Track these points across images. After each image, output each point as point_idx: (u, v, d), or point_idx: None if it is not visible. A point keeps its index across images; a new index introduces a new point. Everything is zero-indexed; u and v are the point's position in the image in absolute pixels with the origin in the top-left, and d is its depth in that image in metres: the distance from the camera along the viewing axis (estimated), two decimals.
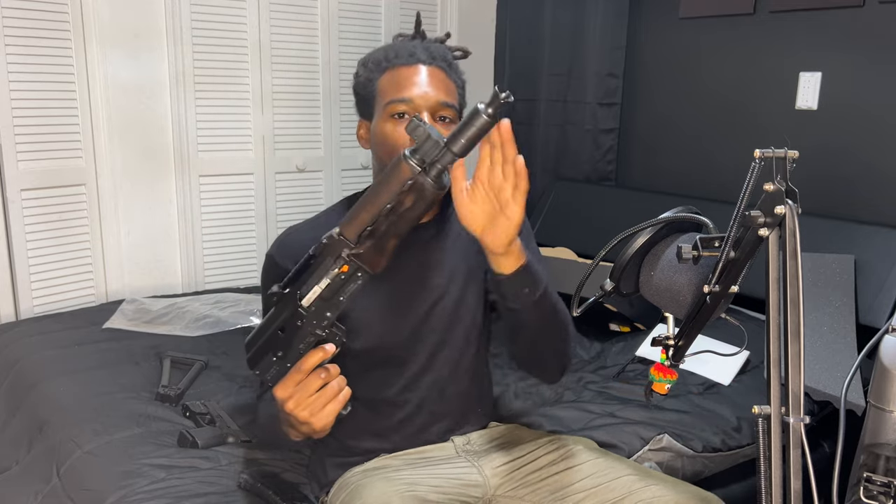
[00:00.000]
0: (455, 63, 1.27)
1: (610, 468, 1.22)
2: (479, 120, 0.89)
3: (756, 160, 0.87)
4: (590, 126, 3.08)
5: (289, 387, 0.98)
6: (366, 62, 1.25)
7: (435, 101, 1.18)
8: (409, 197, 0.90)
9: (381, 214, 0.91)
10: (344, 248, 0.93)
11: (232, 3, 2.60)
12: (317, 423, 0.98)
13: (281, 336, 0.99)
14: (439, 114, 1.19)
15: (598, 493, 1.18)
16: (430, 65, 1.21)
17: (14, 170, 2.29)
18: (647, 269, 1.07)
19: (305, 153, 2.89)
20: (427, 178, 0.89)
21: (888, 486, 1.14)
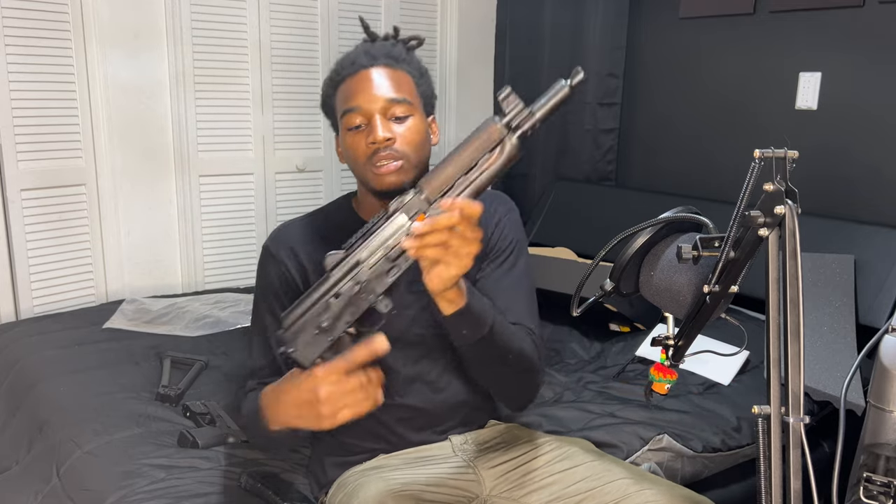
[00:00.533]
0: (406, 55, 1.24)
1: (606, 471, 1.22)
2: (562, 91, 0.92)
3: (756, 160, 0.87)
4: (590, 126, 3.08)
5: (331, 374, 0.95)
6: (325, 81, 1.26)
7: (382, 101, 1.16)
8: (494, 155, 0.93)
9: (463, 172, 0.94)
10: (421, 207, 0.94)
11: (232, 3, 2.60)
12: (327, 421, 0.96)
13: (331, 304, 0.97)
14: (390, 112, 1.16)
15: (593, 495, 1.19)
16: (371, 66, 1.19)
17: (14, 170, 2.29)
18: (647, 269, 1.07)
19: (305, 153, 2.89)
20: (511, 138, 0.93)
21: (888, 486, 1.14)
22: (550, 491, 1.22)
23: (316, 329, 0.98)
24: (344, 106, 1.19)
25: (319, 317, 0.98)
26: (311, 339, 0.98)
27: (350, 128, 1.18)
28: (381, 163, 1.16)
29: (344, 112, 1.18)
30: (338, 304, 0.97)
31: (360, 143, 1.17)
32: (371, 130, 1.16)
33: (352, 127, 1.18)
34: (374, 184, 1.18)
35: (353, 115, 1.17)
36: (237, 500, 1.35)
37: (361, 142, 1.17)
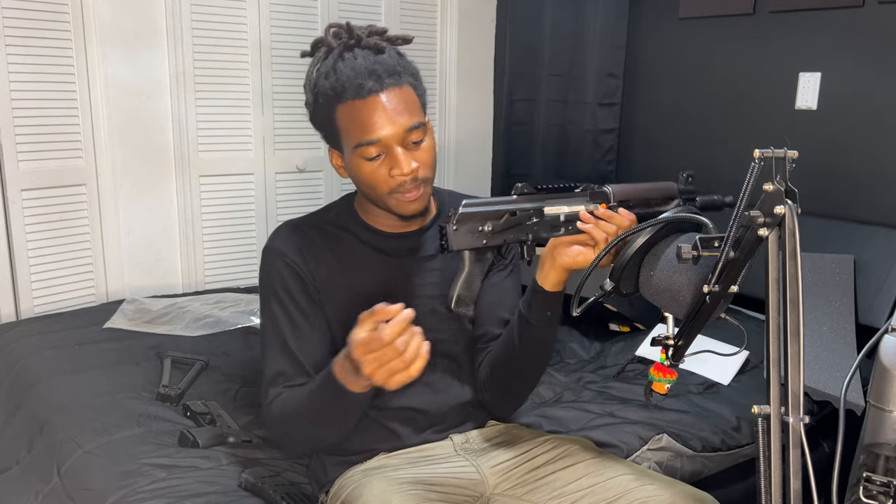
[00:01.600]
0: (401, 61, 1.19)
1: (606, 467, 1.22)
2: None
3: (756, 160, 0.87)
4: (590, 126, 3.08)
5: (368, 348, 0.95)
6: (315, 92, 1.18)
7: (401, 131, 1.14)
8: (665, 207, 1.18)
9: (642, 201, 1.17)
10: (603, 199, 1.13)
11: (232, 3, 2.60)
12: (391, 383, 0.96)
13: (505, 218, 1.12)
14: (408, 140, 1.15)
15: (594, 491, 1.19)
16: (380, 91, 1.13)
17: (14, 170, 2.29)
18: (647, 269, 1.07)
19: (305, 153, 2.89)
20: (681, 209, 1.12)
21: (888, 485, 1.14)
22: (552, 488, 1.22)
23: (480, 225, 1.10)
24: (358, 137, 1.14)
25: (489, 220, 1.11)
26: (470, 230, 1.10)
27: (368, 158, 1.15)
28: (407, 193, 1.17)
29: (360, 144, 1.14)
30: (509, 222, 1.12)
31: (380, 174, 1.15)
32: (394, 162, 1.14)
33: (370, 157, 1.15)
34: (399, 211, 1.19)
35: (371, 147, 1.14)
36: (237, 500, 1.35)
37: (382, 172, 1.15)
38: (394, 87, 1.14)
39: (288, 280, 1.22)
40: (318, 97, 1.17)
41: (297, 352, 1.21)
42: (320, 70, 1.18)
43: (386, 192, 1.17)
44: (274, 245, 1.25)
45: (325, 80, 1.16)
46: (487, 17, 3.27)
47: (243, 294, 2.59)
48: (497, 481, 1.26)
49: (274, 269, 1.23)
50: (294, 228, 1.27)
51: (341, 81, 1.14)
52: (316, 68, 1.18)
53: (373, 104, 1.12)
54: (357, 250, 1.26)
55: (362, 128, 1.13)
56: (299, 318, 1.22)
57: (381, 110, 1.13)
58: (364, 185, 1.19)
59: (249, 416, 1.70)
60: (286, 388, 1.20)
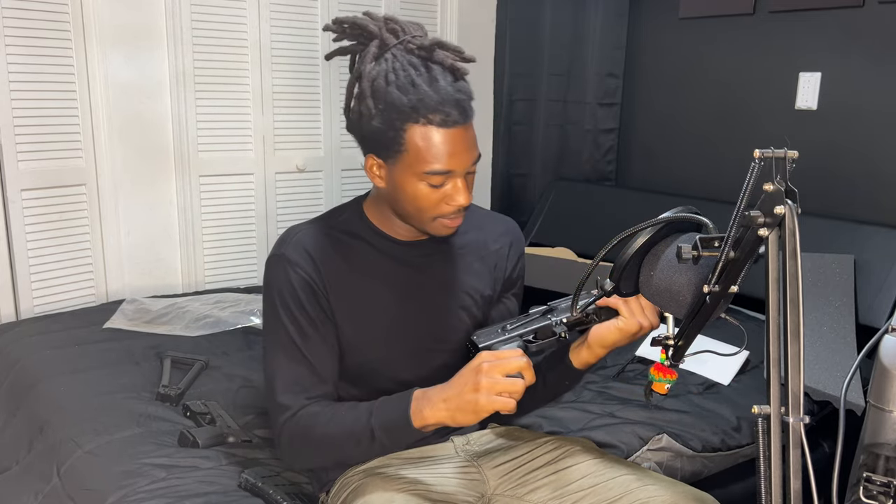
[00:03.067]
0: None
1: (607, 468, 1.22)
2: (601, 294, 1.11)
3: (756, 160, 0.87)
4: (590, 126, 3.08)
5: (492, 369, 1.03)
6: (382, 99, 1.09)
7: (470, 164, 1.13)
8: None
9: None
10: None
11: (232, 3, 2.60)
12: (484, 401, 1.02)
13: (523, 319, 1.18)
14: (469, 171, 1.15)
15: (595, 492, 1.19)
16: (465, 123, 1.10)
17: (14, 170, 2.29)
18: (647, 269, 1.07)
19: (305, 153, 2.89)
20: None
21: (888, 486, 1.14)
22: (554, 487, 1.22)
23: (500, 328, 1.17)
24: (433, 165, 1.10)
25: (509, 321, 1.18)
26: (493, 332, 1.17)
27: (432, 185, 1.12)
28: (453, 221, 1.17)
29: (431, 171, 1.10)
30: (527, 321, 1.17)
31: (433, 199, 1.14)
32: (455, 194, 1.13)
33: (434, 185, 1.12)
34: (436, 233, 1.19)
35: (441, 177, 1.11)
36: (237, 500, 1.35)
37: (436, 198, 1.14)
38: (471, 120, 1.13)
39: (298, 290, 1.17)
40: (387, 107, 1.09)
41: (312, 368, 1.17)
42: (389, 77, 1.09)
43: (431, 217, 1.16)
44: (283, 253, 1.19)
45: (400, 93, 1.08)
46: (487, 17, 3.27)
47: (243, 294, 2.59)
48: (498, 482, 1.26)
49: (283, 279, 1.18)
50: (303, 236, 1.21)
51: (425, 102, 1.07)
52: (380, 71, 1.10)
53: (455, 136, 1.09)
54: (370, 257, 1.23)
55: (438, 157, 1.10)
56: (310, 328, 1.18)
57: (461, 144, 1.10)
58: (408, 204, 1.16)
59: (249, 416, 1.70)
60: (310, 401, 1.16)
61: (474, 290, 1.29)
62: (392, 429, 1.09)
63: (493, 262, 1.33)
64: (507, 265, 1.34)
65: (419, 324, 1.24)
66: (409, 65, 1.10)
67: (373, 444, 1.11)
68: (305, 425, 1.15)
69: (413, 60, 1.10)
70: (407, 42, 1.12)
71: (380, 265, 1.23)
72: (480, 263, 1.30)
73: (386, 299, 1.22)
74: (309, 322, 1.17)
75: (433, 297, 1.25)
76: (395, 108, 1.08)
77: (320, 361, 1.18)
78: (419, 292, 1.24)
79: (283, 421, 1.16)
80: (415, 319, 1.24)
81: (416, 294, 1.24)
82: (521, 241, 1.38)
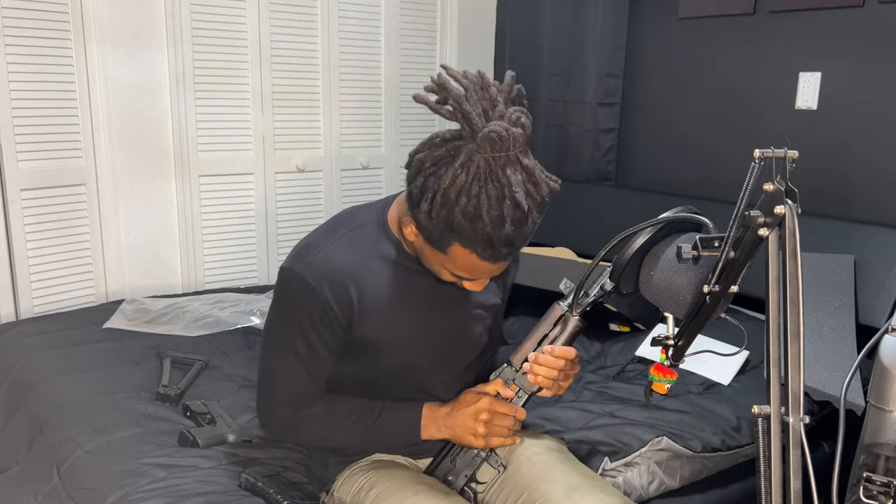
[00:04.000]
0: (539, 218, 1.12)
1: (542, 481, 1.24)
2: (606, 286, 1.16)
3: (756, 160, 0.87)
4: (590, 126, 3.08)
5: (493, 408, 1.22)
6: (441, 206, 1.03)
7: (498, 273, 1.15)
8: (558, 328, 1.22)
9: (539, 343, 1.23)
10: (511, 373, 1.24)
11: (232, 3, 2.60)
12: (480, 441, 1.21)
13: None
14: None
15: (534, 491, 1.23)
16: (510, 258, 1.10)
17: (14, 170, 2.29)
18: (647, 269, 1.08)
19: (305, 153, 2.89)
20: (572, 316, 1.21)
21: (888, 485, 1.14)
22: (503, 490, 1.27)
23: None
24: (460, 272, 1.12)
25: None
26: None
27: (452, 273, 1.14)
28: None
29: (461, 277, 1.14)
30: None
31: (446, 276, 1.16)
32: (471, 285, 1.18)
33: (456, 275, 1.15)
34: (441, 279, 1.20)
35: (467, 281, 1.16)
36: (237, 500, 1.35)
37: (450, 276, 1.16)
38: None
39: (314, 313, 1.17)
40: (444, 221, 1.04)
41: (313, 378, 1.23)
42: (461, 198, 1.02)
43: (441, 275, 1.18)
44: (303, 274, 1.16)
45: (463, 220, 1.02)
46: (487, 17, 3.27)
47: (243, 294, 2.59)
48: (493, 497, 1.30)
49: (299, 298, 1.17)
50: (325, 255, 1.18)
51: (478, 237, 1.03)
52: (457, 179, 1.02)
53: (492, 266, 1.10)
54: (398, 272, 1.22)
55: (468, 271, 1.12)
56: (320, 346, 1.20)
57: (495, 268, 1.11)
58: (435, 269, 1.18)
59: (249, 416, 1.70)
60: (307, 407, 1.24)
61: (485, 301, 1.32)
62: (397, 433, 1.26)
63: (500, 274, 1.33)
64: (510, 273, 1.39)
65: (442, 333, 1.27)
66: (485, 196, 1.01)
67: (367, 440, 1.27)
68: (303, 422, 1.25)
69: (491, 192, 1.01)
70: (501, 167, 1.03)
71: (403, 280, 1.22)
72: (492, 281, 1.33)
73: (410, 312, 1.23)
74: (319, 340, 1.20)
75: (451, 308, 1.27)
76: (451, 228, 1.04)
77: (320, 375, 1.24)
78: (439, 304, 1.25)
79: (280, 419, 1.25)
80: (437, 329, 1.26)
81: (437, 306, 1.25)
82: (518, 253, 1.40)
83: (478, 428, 1.20)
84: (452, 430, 1.23)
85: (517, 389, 1.24)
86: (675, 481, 1.62)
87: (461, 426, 1.22)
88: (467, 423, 1.21)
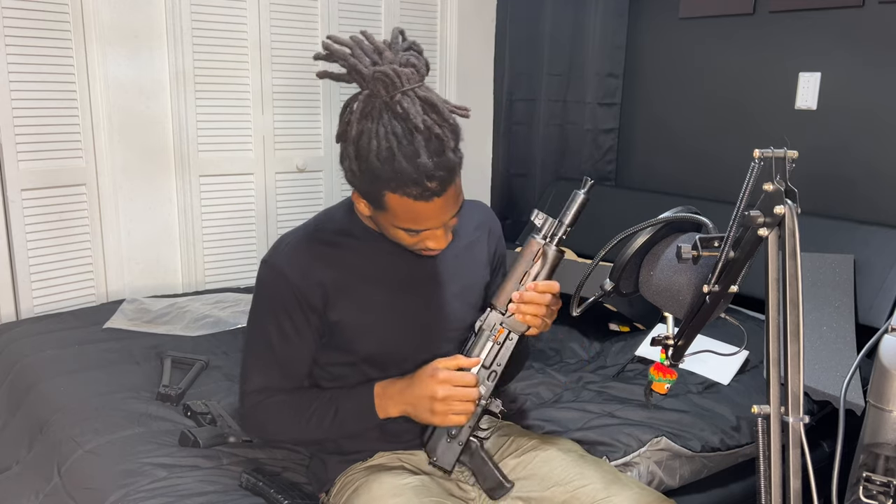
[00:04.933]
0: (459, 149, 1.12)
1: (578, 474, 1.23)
2: (579, 199, 1.21)
3: (755, 160, 0.87)
4: (590, 126, 3.08)
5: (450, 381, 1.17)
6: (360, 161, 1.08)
7: (448, 219, 1.14)
8: (538, 263, 1.21)
9: (520, 282, 1.21)
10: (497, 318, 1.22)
11: (232, 3, 2.60)
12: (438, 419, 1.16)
13: None
14: (448, 224, 1.16)
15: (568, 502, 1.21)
16: (442, 195, 1.09)
17: (14, 170, 2.29)
18: (647, 269, 1.08)
19: (305, 153, 2.89)
20: (550, 247, 1.21)
21: (888, 485, 1.14)
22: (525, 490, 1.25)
23: None
24: (405, 224, 1.12)
25: None
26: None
27: (410, 233, 1.14)
28: (433, 251, 1.19)
29: (407, 229, 1.13)
30: None
31: (411, 240, 1.16)
32: (431, 241, 1.16)
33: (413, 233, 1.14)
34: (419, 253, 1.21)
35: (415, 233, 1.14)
36: (238, 500, 1.36)
37: (414, 240, 1.16)
38: (451, 185, 1.10)
39: (286, 299, 1.21)
40: (367, 173, 1.08)
41: (285, 367, 1.25)
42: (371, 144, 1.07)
43: (410, 248, 1.19)
44: (274, 262, 1.22)
45: (380, 163, 1.06)
46: (487, 17, 3.27)
47: (243, 294, 2.59)
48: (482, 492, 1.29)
49: (271, 289, 1.23)
50: (294, 244, 1.24)
51: (402, 178, 1.06)
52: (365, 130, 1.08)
53: (429, 206, 1.09)
54: (363, 255, 1.24)
55: (415, 220, 1.11)
56: (293, 334, 1.23)
57: (439, 209, 1.11)
58: (389, 237, 1.19)
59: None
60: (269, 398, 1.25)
61: (466, 278, 1.31)
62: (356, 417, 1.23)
63: (479, 250, 1.35)
64: (491, 249, 1.37)
65: (419, 314, 1.26)
66: (391, 134, 1.06)
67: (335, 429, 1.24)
68: (270, 410, 1.25)
69: (397, 129, 1.06)
70: (397, 102, 1.06)
71: (373, 262, 1.24)
72: (466, 252, 1.32)
73: (383, 294, 1.23)
74: (293, 329, 1.22)
75: (428, 288, 1.27)
76: (374, 175, 1.07)
77: (293, 365, 1.26)
78: (414, 285, 1.26)
79: (250, 406, 1.26)
80: (413, 310, 1.26)
81: (412, 287, 1.25)
82: (498, 224, 1.41)
83: (435, 405, 1.15)
84: (408, 406, 1.19)
85: (506, 332, 1.20)
86: (675, 481, 1.62)
87: (417, 402, 1.17)
88: (423, 399, 1.16)
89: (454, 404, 1.15)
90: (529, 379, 1.90)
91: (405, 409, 1.20)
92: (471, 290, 1.31)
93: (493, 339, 1.21)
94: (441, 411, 1.15)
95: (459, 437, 1.22)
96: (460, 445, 1.22)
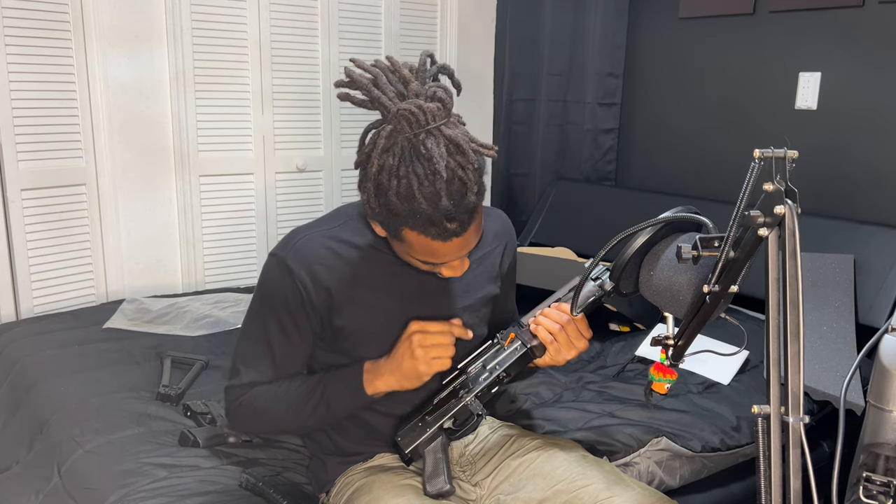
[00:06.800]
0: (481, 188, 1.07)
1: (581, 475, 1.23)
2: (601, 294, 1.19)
3: (756, 160, 0.87)
4: (590, 126, 3.08)
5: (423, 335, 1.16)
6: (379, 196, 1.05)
7: (467, 252, 1.13)
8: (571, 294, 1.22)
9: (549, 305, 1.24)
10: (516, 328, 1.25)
11: (232, 3, 2.60)
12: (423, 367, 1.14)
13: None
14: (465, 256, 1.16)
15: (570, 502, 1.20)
16: (462, 234, 1.07)
17: (14, 170, 2.29)
18: (647, 269, 1.08)
19: (305, 153, 2.89)
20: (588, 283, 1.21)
21: (888, 485, 1.14)
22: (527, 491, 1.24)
23: None
24: (424, 258, 1.11)
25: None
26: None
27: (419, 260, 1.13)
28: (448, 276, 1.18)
29: (425, 261, 1.12)
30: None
31: (419, 265, 1.15)
32: (446, 270, 1.16)
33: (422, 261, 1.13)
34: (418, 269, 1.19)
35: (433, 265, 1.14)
36: (238, 500, 1.35)
37: (429, 267, 1.15)
38: (472, 225, 1.08)
39: (291, 297, 1.19)
40: (386, 209, 1.06)
41: (280, 364, 1.24)
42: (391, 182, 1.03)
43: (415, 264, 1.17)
44: (283, 257, 1.20)
45: (399, 202, 1.03)
46: (487, 17, 3.27)
47: (243, 294, 2.59)
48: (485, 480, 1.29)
49: (276, 283, 1.20)
50: (306, 242, 1.21)
51: (421, 219, 1.03)
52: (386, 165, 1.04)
53: (448, 245, 1.08)
54: (372, 264, 1.22)
55: (430, 255, 1.10)
56: (293, 332, 1.22)
57: (454, 247, 1.09)
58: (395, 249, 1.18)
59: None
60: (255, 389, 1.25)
61: (477, 291, 1.30)
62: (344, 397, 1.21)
63: (492, 262, 1.34)
64: (503, 262, 1.37)
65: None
66: (413, 174, 1.02)
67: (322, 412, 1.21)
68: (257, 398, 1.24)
69: (418, 169, 1.02)
70: (421, 142, 1.02)
71: (384, 271, 1.23)
72: (479, 264, 1.31)
73: (392, 304, 1.23)
74: (294, 326, 1.21)
75: (437, 300, 1.26)
76: (393, 213, 1.05)
77: (289, 363, 1.24)
78: (424, 296, 1.25)
79: (236, 398, 1.25)
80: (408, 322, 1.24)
81: (421, 298, 1.24)
82: (514, 239, 1.41)
83: (416, 352, 1.14)
84: (394, 371, 1.17)
85: (517, 342, 1.22)
86: (675, 481, 1.62)
87: (400, 360, 1.16)
88: (405, 358, 1.15)
89: (431, 349, 1.14)
90: (529, 379, 1.90)
91: (391, 378, 1.17)
92: (480, 303, 1.31)
93: (503, 342, 1.23)
94: (422, 357, 1.14)
95: (429, 423, 1.22)
96: (428, 430, 1.21)
